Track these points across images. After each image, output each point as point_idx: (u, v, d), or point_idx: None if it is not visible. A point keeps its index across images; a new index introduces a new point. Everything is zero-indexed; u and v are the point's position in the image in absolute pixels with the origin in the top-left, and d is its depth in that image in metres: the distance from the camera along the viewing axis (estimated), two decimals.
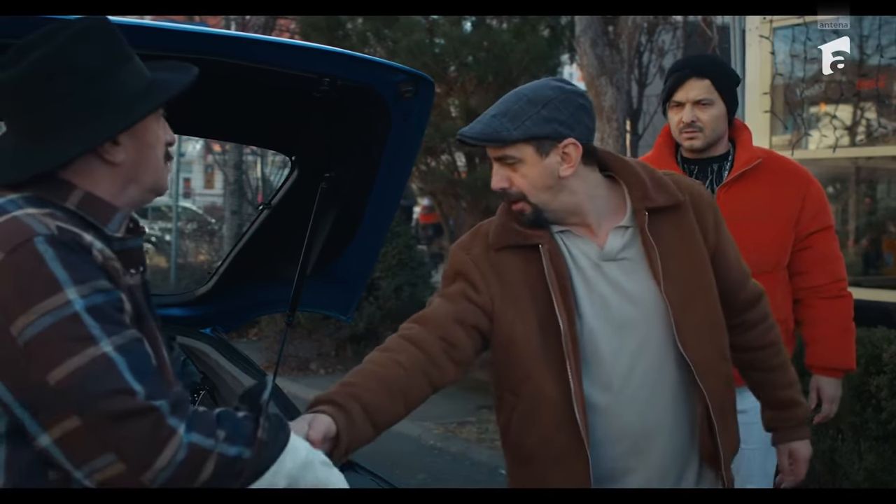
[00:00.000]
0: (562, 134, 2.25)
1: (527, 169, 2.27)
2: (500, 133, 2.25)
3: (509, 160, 2.28)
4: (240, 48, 2.76)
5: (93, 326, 1.54)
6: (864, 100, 6.53)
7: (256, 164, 15.88)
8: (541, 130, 2.24)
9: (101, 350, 1.53)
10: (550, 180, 2.28)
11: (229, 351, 3.50)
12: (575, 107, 2.27)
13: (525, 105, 2.25)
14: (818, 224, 3.35)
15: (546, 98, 2.26)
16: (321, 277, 3.40)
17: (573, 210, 2.32)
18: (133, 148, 1.76)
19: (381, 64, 2.98)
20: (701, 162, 3.36)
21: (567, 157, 2.27)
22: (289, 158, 3.39)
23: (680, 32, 12.01)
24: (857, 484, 4.75)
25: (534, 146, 2.25)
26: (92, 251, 1.61)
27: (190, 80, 1.84)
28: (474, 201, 11.79)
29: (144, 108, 1.75)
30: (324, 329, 10.45)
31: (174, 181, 16.58)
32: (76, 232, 1.62)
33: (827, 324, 3.37)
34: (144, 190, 1.81)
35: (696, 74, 3.29)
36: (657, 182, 2.36)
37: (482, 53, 10.71)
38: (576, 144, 2.26)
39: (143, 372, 1.56)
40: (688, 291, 2.33)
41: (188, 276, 14.19)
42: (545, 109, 2.24)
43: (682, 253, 2.34)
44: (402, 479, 5.50)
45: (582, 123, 2.28)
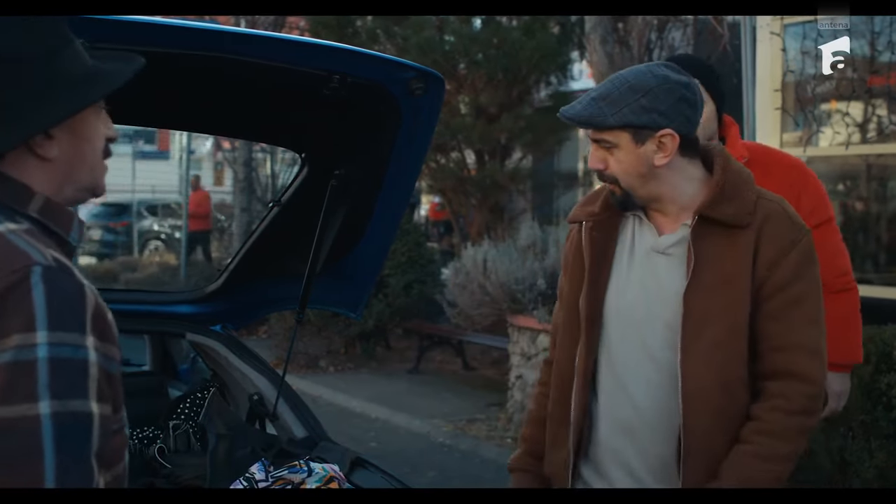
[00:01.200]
0: (659, 124, 2.25)
1: (622, 154, 2.29)
2: (597, 117, 2.26)
3: (606, 144, 2.29)
4: (250, 45, 2.76)
5: (42, 381, 1.37)
6: (875, 96, 6.51)
7: (266, 162, 15.91)
8: (638, 119, 2.24)
9: (35, 411, 1.36)
10: (644, 168, 2.29)
11: (239, 348, 3.51)
12: (676, 98, 2.26)
13: (626, 91, 2.25)
14: (817, 219, 3.27)
15: (647, 86, 2.25)
16: (331, 275, 3.40)
17: (656, 198, 2.35)
18: (68, 143, 1.58)
19: (391, 61, 2.98)
20: None
21: (663, 147, 2.27)
22: (299, 155, 3.39)
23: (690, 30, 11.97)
24: (868, 482, 4.74)
25: (630, 133, 2.26)
26: (85, 296, 1.46)
27: (135, 70, 1.67)
28: (483, 198, 11.79)
29: (82, 99, 1.58)
30: (333, 326, 10.47)
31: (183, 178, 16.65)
32: (70, 266, 1.48)
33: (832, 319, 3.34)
34: (79, 189, 1.63)
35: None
36: (736, 195, 2.32)
37: (492, 51, 10.71)
38: (673, 135, 2.26)
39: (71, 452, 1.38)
40: (712, 308, 2.27)
41: (198, 274, 14.23)
42: (645, 98, 2.24)
43: (724, 270, 2.28)
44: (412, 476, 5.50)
45: (682, 115, 2.27)
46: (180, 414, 3.42)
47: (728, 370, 2.27)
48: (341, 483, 2.78)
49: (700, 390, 2.25)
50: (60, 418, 1.37)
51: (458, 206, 12.32)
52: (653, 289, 2.35)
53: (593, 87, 2.62)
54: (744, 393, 2.29)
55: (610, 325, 2.40)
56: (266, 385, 3.37)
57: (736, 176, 2.36)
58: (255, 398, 3.34)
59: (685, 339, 2.26)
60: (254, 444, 3.05)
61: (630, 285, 2.38)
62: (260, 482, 2.73)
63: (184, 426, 3.36)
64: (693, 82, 2.31)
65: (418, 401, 8.94)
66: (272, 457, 2.97)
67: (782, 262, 2.28)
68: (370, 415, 8.73)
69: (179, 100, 3.07)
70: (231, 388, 3.49)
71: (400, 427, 8.32)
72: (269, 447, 3.07)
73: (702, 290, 2.27)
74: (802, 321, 2.31)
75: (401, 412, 8.56)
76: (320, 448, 3.12)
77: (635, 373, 2.35)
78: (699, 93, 2.33)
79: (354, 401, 9.05)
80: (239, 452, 2.99)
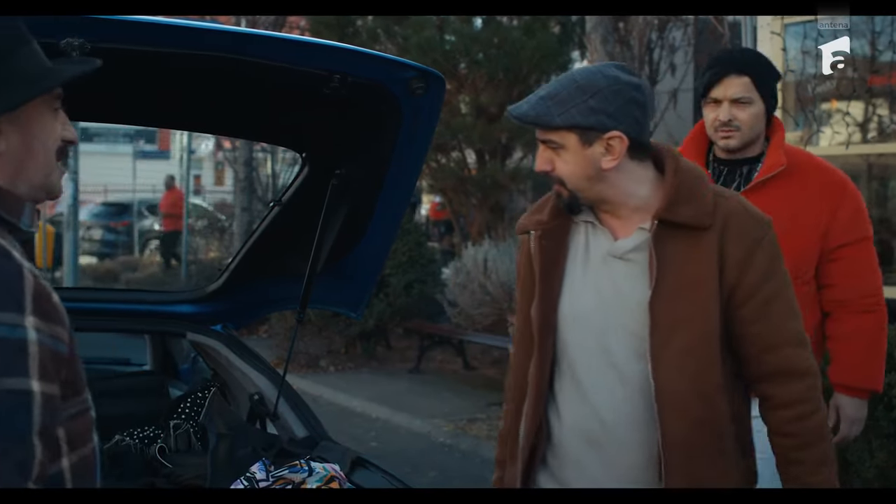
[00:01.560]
0: (607, 126, 2.19)
1: (569, 156, 2.23)
2: (543, 117, 2.21)
3: (553, 144, 2.24)
4: (250, 45, 2.76)
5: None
6: (875, 96, 6.51)
7: (267, 161, 15.91)
8: (585, 120, 2.19)
9: None
10: (591, 170, 2.23)
11: (239, 348, 3.51)
12: (625, 99, 2.20)
13: (574, 91, 2.20)
14: (851, 236, 3.15)
15: (596, 87, 2.20)
16: (331, 274, 3.40)
17: (607, 200, 2.28)
18: (17, 138, 1.58)
19: (391, 61, 2.98)
20: (731, 163, 3.19)
21: (611, 150, 2.21)
22: (299, 155, 3.39)
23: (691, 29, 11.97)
24: (868, 482, 4.74)
25: (578, 135, 2.21)
26: (24, 271, 1.47)
27: (86, 69, 1.67)
28: (484, 198, 11.80)
29: (27, 91, 1.57)
30: (334, 326, 10.46)
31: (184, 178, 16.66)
32: (8, 249, 1.49)
33: (852, 340, 3.17)
34: (32, 187, 1.63)
35: (736, 71, 3.09)
36: (692, 195, 2.25)
37: (492, 50, 10.71)
38: (621, 138, 2.20)
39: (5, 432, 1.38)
40: (679, 315, 2.21)
41: (199, 273, 14.23)
42: (593, 99, 2.19)
43: (688, 274, 2.22)
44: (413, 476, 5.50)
45: (631, 117, 2.21)
46: (181, 413, 3.43)
47: (703, 377, 2.22)
48: (342, 483, 2.78)
49: (676, 400, 2.20)
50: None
51: (459, 206, 12.32)
52: (611, 295, 2.28)
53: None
54: (721, 398, 2.24)
55: (566, 333, 2.33)
56: (267, 385, 3.37)
57: (689, 176, 2.28)
58: (255, 398, 3.34)
59: (654, 348, 2.21)
60: (254, 443, 3.05)
61: (585, 292, 2.32)
62: (261, 482, 2.73)
63: (184, 426, 3.36)
64: (644, 84, 2.26)
65: (419, 400, 8.94)
66: (273, 456, 2.97)
67: (751, 261, 2.24)
68: (371, 414, 8.73)
69: (180, 99, 3.07)
70: (232, 387, 3.49)
71: (400, 427, 8.32)
72: (270, 447, 3.07)
73: (667, 296, 2.21)
74: (783, 316, 2.28)
75: (401, 412, 8.56)
76: (321, 448, 3.12)
77: (598, 382, 2.28)
78: (651, 95, 2.27)
79: (355, 400, 9.05)
80: (240, 452, 2.99)
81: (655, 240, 2.23)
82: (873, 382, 3.24)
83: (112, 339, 4.34)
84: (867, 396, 3.27)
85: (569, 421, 2.33)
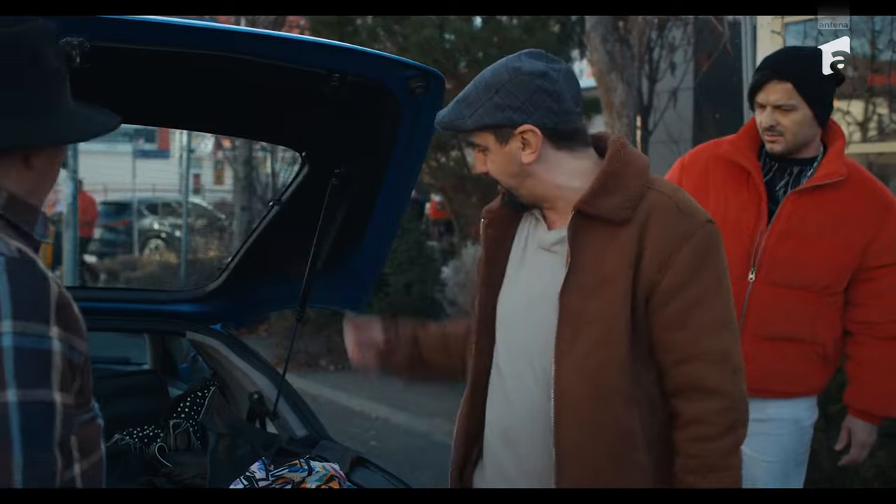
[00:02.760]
0: (515, 121, 2.11)
1: (493, 155, 2.18)
2: (456, 121, 2.17)
3: (478, 146, 2.19)
4: (250, 44, 2.76)
5: (8, 370, 1.40)
6: (875, 95, 6.50)
7: (266, 160, 15.90)
8: (492, 119, 2.12)
9: (4, 398, 1.39)
10: (514, 167, 2.16)
11: (239, 347, 3.50)
12: (531, 90, 2.11)
13: (481, 91, 2.14)
14: (891, 257, 3.08)
15: (499, 83, 2.12)
16: (331, 273, 3.40)
17: (539, 197, 2.21)
18: (46, 159, 1.64)
19: (391, 60, 2.97)
20: (783, 161, 3.13)
21: (527, 143, 2.13)
22: (299, 154, 3.39)
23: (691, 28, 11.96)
24: (867, 481, 4.74)
25: (493, 133, 2.14)
26: (48, 286, 1.49)
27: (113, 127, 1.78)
28: (484, 197, 11.77)
29: (92, 130, 1.69)
30: (333, 325, 10.45)
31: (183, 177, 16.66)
32: (33, 257, 1.52)
33: (874, 365, 3.11)
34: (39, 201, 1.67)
35: (777, 77, 3.04)
36: (619, 186, 2.13)
37: (492, 49, 10.69)
38: (534, 130, 2.11)
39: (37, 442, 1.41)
40: (588, 311, 2.10)
41: (198, 273, 14.23)
42: (498, 96, 2.11)
43: (602, 270, 2.10)
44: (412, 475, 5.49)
45: (541, 107, 2.11)
46: (181, 413, 3.43)
47: (602, 378, 2.09)
48: (342, 482, 2.78)
49: (572, 401, 2.10)
50: (27, 408, 1.40)
51: (459, 206, 12.30)
52: (536, 289, 2.20)
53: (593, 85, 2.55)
54: (622, 404, 2.09)
55: (500, 328, 2.27)
56: (266, 384, 3.36)
57: (624, 166, 2.15)
58: (255, 397, 3.33)
59: (560, 345, 2.11)
60: (254, 442, 3.05)
61: (517, 285, 2.25)
62: (260, 481, 2.73)
63: (184, 425, 3.36)
64: (551, 70, 2.12)
65: (419, 400, 8.93)
66: (272, 456, 2.97)
67: (673, 260, 2.07)
68: (370, 414, 8.73)
69: (180, 98, 3.06)
70: (231, 386, 3.49)
71: (400, 426, 8.31)
72: (270, 446, 3.07)
73: (578, 290, 2.11)
74: (705, 326, 2.10)
75: (401, 411, 8.55)
76: (321, 447, 3.12)
77: (516, 379, 2.21)
78: (561, 80, 2.13)
79: (355, 399, 9.04)
80: (239, 451, 2.99)
81: (572, 231, 2.13)
82: (891, 410, 3.20)
83: (112, 338, 4.33)
84: (879, 422, 3.23)
85: (491, 418, 2.29)
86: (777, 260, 3.05)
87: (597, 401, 2.09)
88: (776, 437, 3.12)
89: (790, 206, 3.07)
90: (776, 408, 3.11)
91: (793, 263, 3.03)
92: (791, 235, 3.05)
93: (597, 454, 2.11)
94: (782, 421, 3.12)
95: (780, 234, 3.04)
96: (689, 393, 2.10)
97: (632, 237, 2.09)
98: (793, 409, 3.16)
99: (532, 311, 2.20)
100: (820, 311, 3.08)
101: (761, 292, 3.06)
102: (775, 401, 3.10)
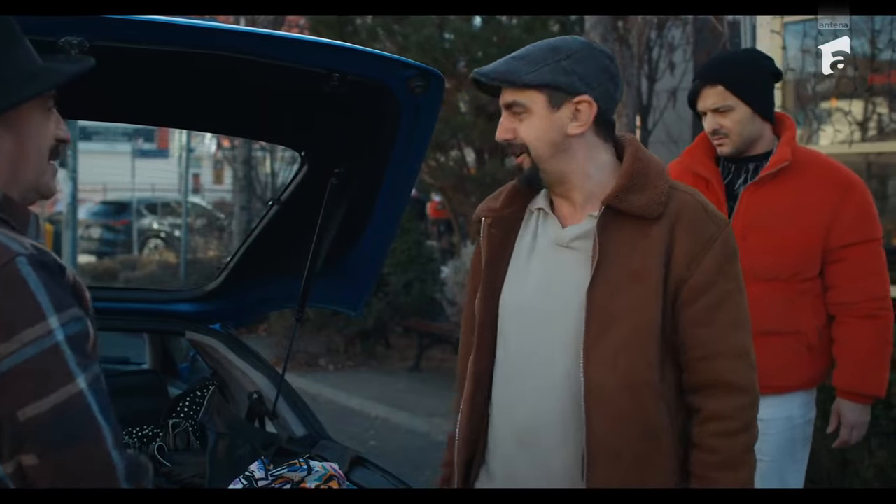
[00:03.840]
0: (577, 89, 2.13)
1: (535, 119, 2.15)
2: (514, 74, 2.14)
3: (518, 108, 2.16)
4: (249, 44, 2.76)
5: (71, 360, 1.46)
6: (876, 94, 6.50)
7: (266, 160, 15.90)
8: (556, 79, 2.12)
9: (77, 387, 1.46)
10: (557, 135, 2.15)
11: (238, 347, 3.50)
12: (600, 67, 2.15)
13: (548, 52, 2.14)
14: (857, 236, 3.12)
15: (571, 49, 2.14)
16: (331, 273, 3.40)
17: (564, 178, 2.20)
18: (9, 139, 1.58)
19: (391, 59, 2.97)
20: (738, 161, 3.21)
21: (578, 114, 2.14)
22: (298, 154, 3.39)
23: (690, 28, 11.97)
24: (867, 480, 4.74)
25: (546, 96, 2.13)
26: (66, 272, 1.53)
27: (81, 69, 1.66)
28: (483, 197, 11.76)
29: (20, 93, 1.56)
30: (333, 325, 10.46)
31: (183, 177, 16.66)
32: (50, 252, 1.53)
33: (855, 344, 3.14)
34: (25, 188, 1.62)
35: (708, 82, 3.15)
36: (646, 184, 2.15)
37: (492, 49, 10.68)
38: (591, 103, 2.14)
39: (108, 410, 1.49)
40: (618, 307, 2.10)
41: (197, 272, 14.23)
42: (567, 61, 2.12)
43: (632, 265, 2.11)
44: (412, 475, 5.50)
45: (603, 85, 2.15)
46: (180, 412, 3.42)
47: (634, 374, 2.10)
48: (341, 482, 2.78)
49: (604, 395, 2.09)
50: (94, 385, 1.48)
51: (458, 205, 12.30)
52: (554, 286, 2.19)
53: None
54: (653, 399, 2.11)
55: (506, 326, 2.26)
56: (266, 383, 3.36)
57: (647, 165, 2.18)
58: (254, 396, 3.33)
59: (588, 340, 2.11)
60: (253, 442, 3.05)
61: (528, 282, 2.23)
62: (259, 481, 2.72)
63: (183, 425, 3.36)
64: (616, 59, 2.21)
65: (418, 399, 8.94)
66: (272, 455, 2.97)
67: (703, 259, 2.11)
68: (370, 413, 8.73)
69: (179, 98, 3.06)
70: (231, 386, 3.48)
71: (400, 425, 8.31)
72: (269, 445, 3.07)
73: (607, 286, 2.11)
74: (727, 325, 2.14)
75: (401, 411, 8.56)
76: (320, 446, 3.12)
77: (532, 376, 2.19)
78: (620, 72, 2.21)
79: (354, 399, 9.05)
80: (238, 451, 2.99)
81: (601, 226, 2.13)
82: (876, 388, 3.21)
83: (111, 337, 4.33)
84: (869, 402, 3.24)
85: (500, 420, 2.27)
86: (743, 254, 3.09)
87: (628, 395, 2.10)
88: (769, 435, 3.13)
89: (747, 201, 3.14)
90: (768, 406, 3.12)
91: (758, 255, 3.06)
92: (752, 228, 3.10)
93: (628, 449, 2.11)
94: (774, 420, 3.13)
95: (741, 229, 3.07)
96: (713, 389, 2.13)
97: (662, 234, 2.12)
98: (785, 407, 3.17)
99: (549, 309, 2.19)
100: (794, 299, 3.11)
101: None
102: (767, 398, 3.10)
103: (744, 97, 3.12)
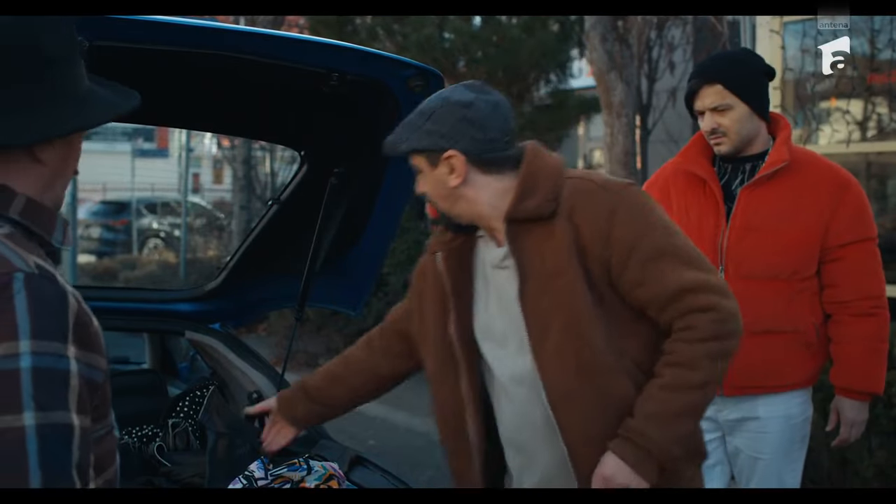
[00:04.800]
0: (442, 146, 2.26)
1: (426, 178, 2.32)
2: (394, 145, 2.31)
3: (415, 168, 2.34)
4: (249, 43, 2.76)
5: (26, 391, 1.34)
6: (875, 94, 6.51)
7: (265, 160, 15.90)
8: (421, 143, 2.27)
9: (20, 422, 1.33)
10: (444, 190, 2.30)
11: (238, 346, 3.50)
12: (456, 119, 2.25)
13: (416, 117, 2.30)
14: (853, 235, 3.13)
15: (430, 110, 2.28)
16: (330, 273, 3.40)
17: (475, 217, 2.34)
18: (58, 154, 1.56)
19: (390, 59, 2.97)
20: (735, 161, 3.22)
21: (453, 168, 2.27)
22: (298, 153, 3.39)
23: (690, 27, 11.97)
24: (867, 480, 4.74)
25: (425, 157, 2.29)
26: (67, 304, 1.43)
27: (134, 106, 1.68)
28: None
29: (103, 115, 1.58)
30: (333, 324, 10.46)
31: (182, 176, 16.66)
32: (52, 272, 1.46)
33: (852, 342, 3.16)
34: (52, 199, 1.59)
35: (706, 81, 3.16)
36: (536, 188, 2.26)
37: (492, 49, 10.70)
38: (457, 156, 2.26)
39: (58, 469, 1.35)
40: (547, 306, 2.22)
41: (197, 272, 14.22)
42: (429, 122, 2.26)
43: (547, 265, 2.23)
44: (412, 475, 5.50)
45: (466, 136, 2.25)
46: (179, 412, 3.42)
47: (584, 364, 2.20)
48: (341, 481, 2.78)
49: (564, 393, 2.22)
50: (44, 430, 1.34)
51: None
52: (500, 304, 2.34)
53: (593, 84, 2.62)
54: (614, 379, 2.21)
55: (481, 346, 2.40)
56: (265, 383, 3.36)
57: (538, 168, 2.28)
58: (254, 396, 3.33)
59: (534, 346, 2.25)
60: (253, 442, 3.05)
61: (488, 304, 2.38)
62: (259, 480, 2.72)
63: (183, 424, 3.36)
64: (479, 101, 2.26)
65: (418, 399, 8.88)
66: (271, 455, 2.97)
67: (612, 232, 2.19)
68: (369, 413, 8.71)
69: (179, 98, 3.06)
70: (230, 386, 3.48)
71: (399, 425, 8.31)
72: None
73: (533, 293, 2.24)
74: (673, 269, 2.20)
75: (400, 410, 8.55)
76: (320, 446, 3.12)
77: (507, 388, 2.35)
78: (488, 111, 2.27)
79: None
80: (238, 450, 2.98)
81: (510, 239, 2.27)
82: (873, 385, 3.22)
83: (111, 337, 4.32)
84: (868, 399, 3.25)
85: (501, 430, 2.41)
86: (741, 254, 3.12)
87: (587, 386, 2.21)
88: (767, 433, 3.16)
89: (744, 201, 3.15)
90: (766, 405, 3.15)
91: (757, 255, 3.09)
92: (750, 228, 3.12)
93: (607, 431, 2.20)
94: (772, 418, 3.15)
95: (739, 230, 3.10)
96: (683, 317, 2.19)
97: (565, 227, 2.22)
98: (783, 406, 3.17)
99: (505, 325, 2.33)
100: (793, 298, 3.12)
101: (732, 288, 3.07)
102: (765, 397, 3.14)
103: (742, 96, 3.13)
